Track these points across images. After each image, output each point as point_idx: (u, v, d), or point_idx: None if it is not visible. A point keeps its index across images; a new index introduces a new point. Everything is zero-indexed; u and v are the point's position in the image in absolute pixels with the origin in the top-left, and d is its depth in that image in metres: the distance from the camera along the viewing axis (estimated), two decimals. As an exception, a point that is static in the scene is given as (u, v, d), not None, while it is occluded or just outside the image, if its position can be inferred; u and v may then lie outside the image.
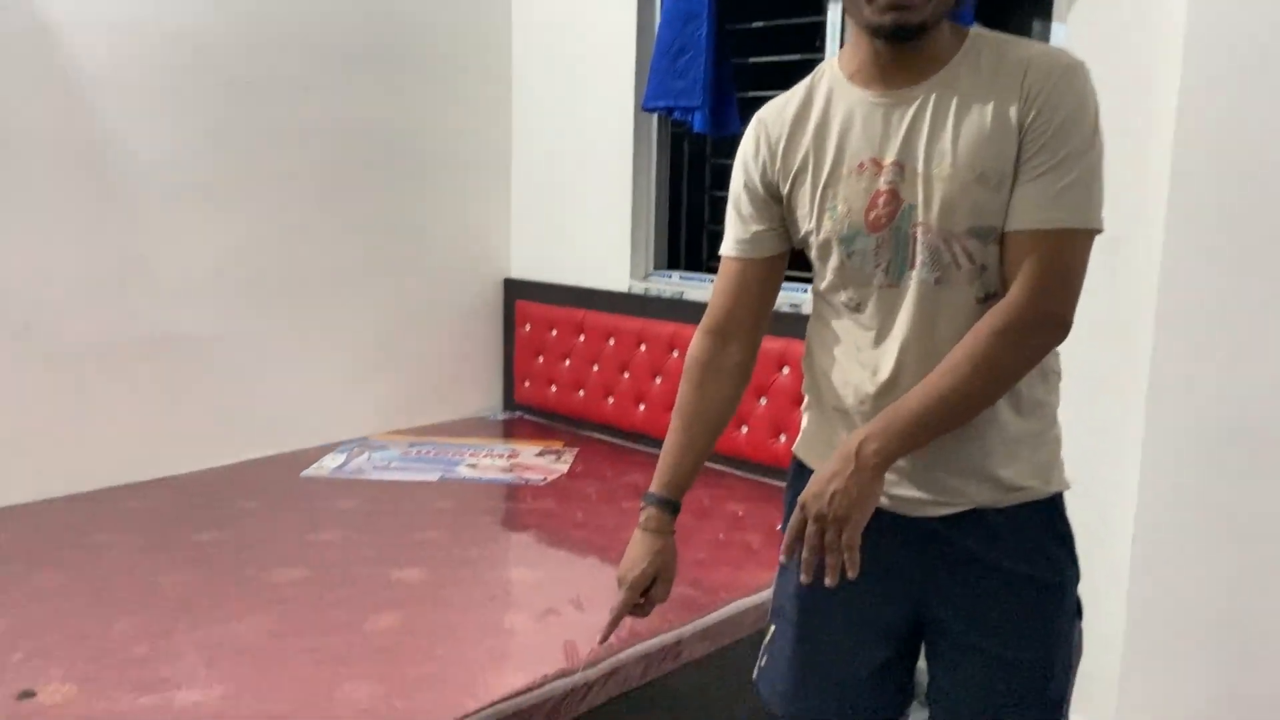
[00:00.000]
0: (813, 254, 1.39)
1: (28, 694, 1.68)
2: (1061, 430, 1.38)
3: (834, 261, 1.35)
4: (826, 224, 1.33)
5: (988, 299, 1.27)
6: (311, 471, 2.99)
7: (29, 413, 2.65)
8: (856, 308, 1.35)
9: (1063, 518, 1.37)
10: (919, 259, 1.27)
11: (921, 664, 1.48)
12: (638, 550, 1.52)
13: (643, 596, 1.53)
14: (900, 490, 1.35)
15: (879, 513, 1.37)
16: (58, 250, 2.65)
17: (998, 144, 1.23)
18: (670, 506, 1.52)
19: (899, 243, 1.28)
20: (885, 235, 1.29)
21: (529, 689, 1.76)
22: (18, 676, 1.73)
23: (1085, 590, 1.40)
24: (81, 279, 2.70)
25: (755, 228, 1.43)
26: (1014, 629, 1.34)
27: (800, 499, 1.27)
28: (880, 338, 1.33)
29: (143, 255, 2.81)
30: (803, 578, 1.28)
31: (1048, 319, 1.24)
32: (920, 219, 1.26)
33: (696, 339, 1.51)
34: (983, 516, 1.33)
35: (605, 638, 1.56)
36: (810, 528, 1.25)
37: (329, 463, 3.08)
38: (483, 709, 1.69)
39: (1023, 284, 1.23)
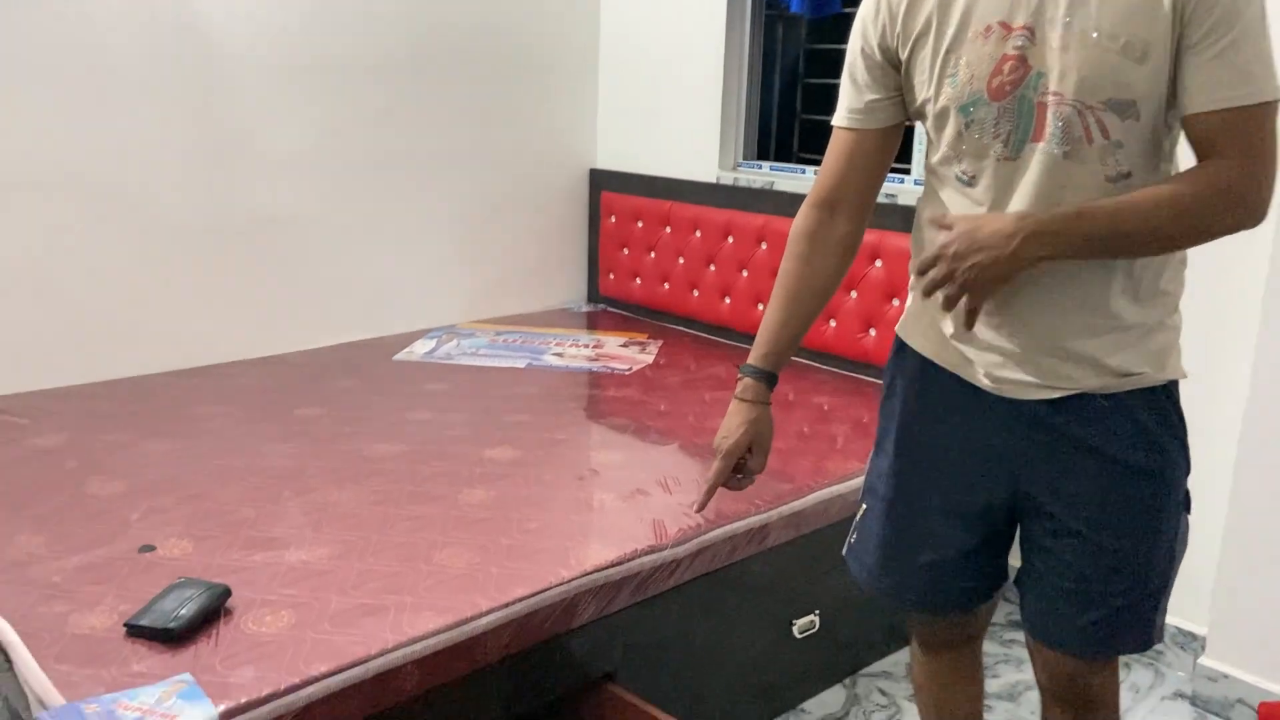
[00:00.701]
0: (928, 124, 1.34)
1: (148, 548, 1.78)
2: (1182, 318, 1.33)
3: (950, 132, 1.30)
4: (946, 90, 1.28)
5: (1120, 179, 1.22)
6: (403, 355, 3.06)
7: (137, 291, 2.75)
8: (970, 181, 1.30)
9: (1175, 407, 1.33)
10: (1047, 130, 1.22)
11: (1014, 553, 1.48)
12: (734, 420, 1.52)
13: (738, 469, 1.53)
14: (1004, 372, 1.33)
15: (979, 394, 1.36)
16: (160, 130, 2.71)
17: (1148, 14, 1.15)
18: (767, 378, 1.51)
19: (1022, 112, 1.23)
20: (1008, 104, 1.24)
21: (619, 562, 1.81)
22: (138, 533, 1.83)
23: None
24: (184, 158, 2.76)
25: (870, 96, 1.39)
26: (1114, 517, 1.32)
27: (944, 247, 1.22)
28: (997, 211, 1.28)
29: (242, 135, 2.86)
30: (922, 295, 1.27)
31: (1245, 200, 1.18)
32: (1051, 87, 1.21)
33: (803, 211, 1.48)
34: (1089, 401, 1.30)
35: (701, 506, 1.58)
36: (938, 273, 1.23)
37: (419, 348, 3.15)
38: (575, 578, 1.74)
39: (1223, 163, 1.17)
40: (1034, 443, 1.34)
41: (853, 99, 1.41)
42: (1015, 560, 1.48)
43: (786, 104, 3.46)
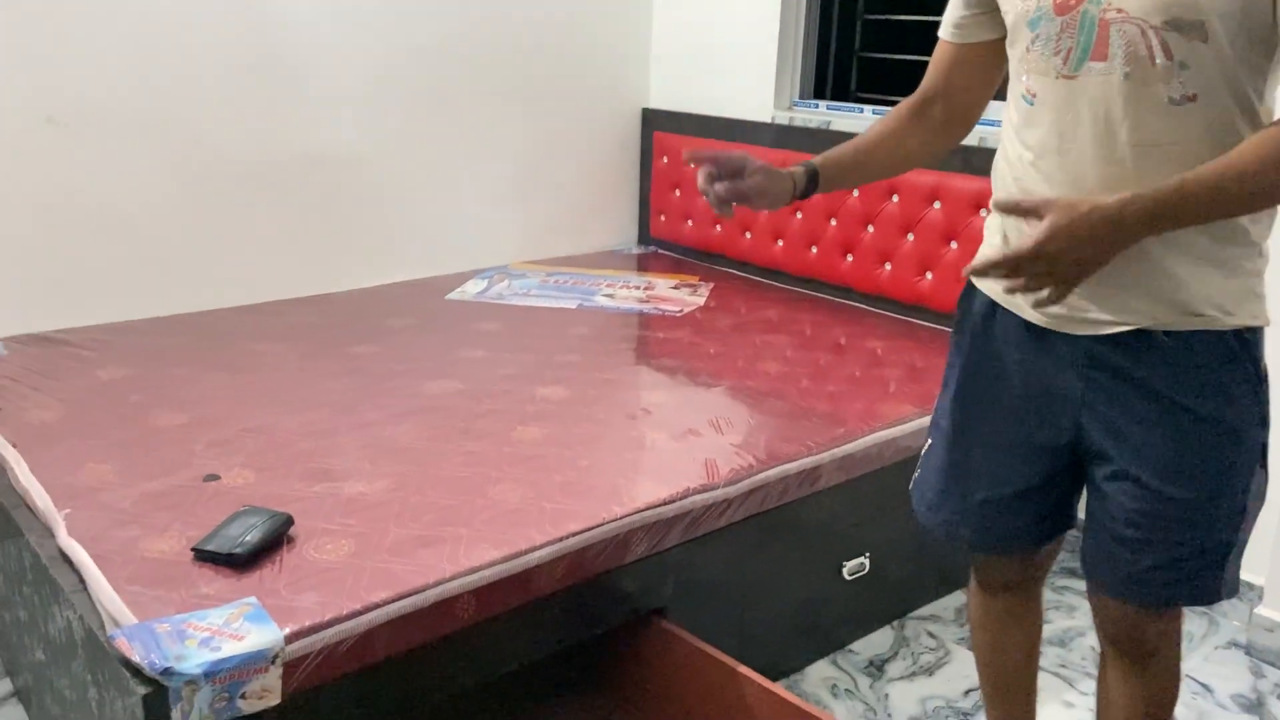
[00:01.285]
0: (1008, 43, 1.32)
1: (212, 477, 1.82)
2: (1266, 264, 1.27)
3: (1019, 49, 1.28)
4: (1018, 5, 1.26)
5: (1184, 102, 1.17)
6: (455, 295, 3.08)
7: (196, 228, 2.79)
8: (1031, 101, 1.27)
9: (1250, 354, 1.27)
10: (1110, 49, 1.18)
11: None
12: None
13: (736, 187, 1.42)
14: (1059, 309, 1.29)
15: (1043, 333, 1.33)
16: (218, 68, 2.72)
17: None
18: (809, 168, 1.49)
19: (1084, 28, 1.19)
20: (1071, 19, 1.20)
21: (670, 500, 1.82)
22: (203, 462, 1.88)
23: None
24: (242, 96, 2.78)
25: (964, 12, 1.40)
26: (1175, 464, 1.28)
27: (1040, 245, 1.14)
28: (1057, 137, 1.25)
29: (299, 75, 2.87)
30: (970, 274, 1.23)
31: None
32: (1114, 3, 1.16)
33: (897, 107, 1.50)
34: (1153, 340, 1.26)
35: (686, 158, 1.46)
36: (1030, 268, 1.16)
37: (471, 288, 3.16)
38: (628, 515, 1.75)
39: None
40: (1094, 384, 1.32)
41: (953, 11, 1.42)
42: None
43: (845, 40, 3.38)
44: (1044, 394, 1.36)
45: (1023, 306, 1.35)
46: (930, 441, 1.55)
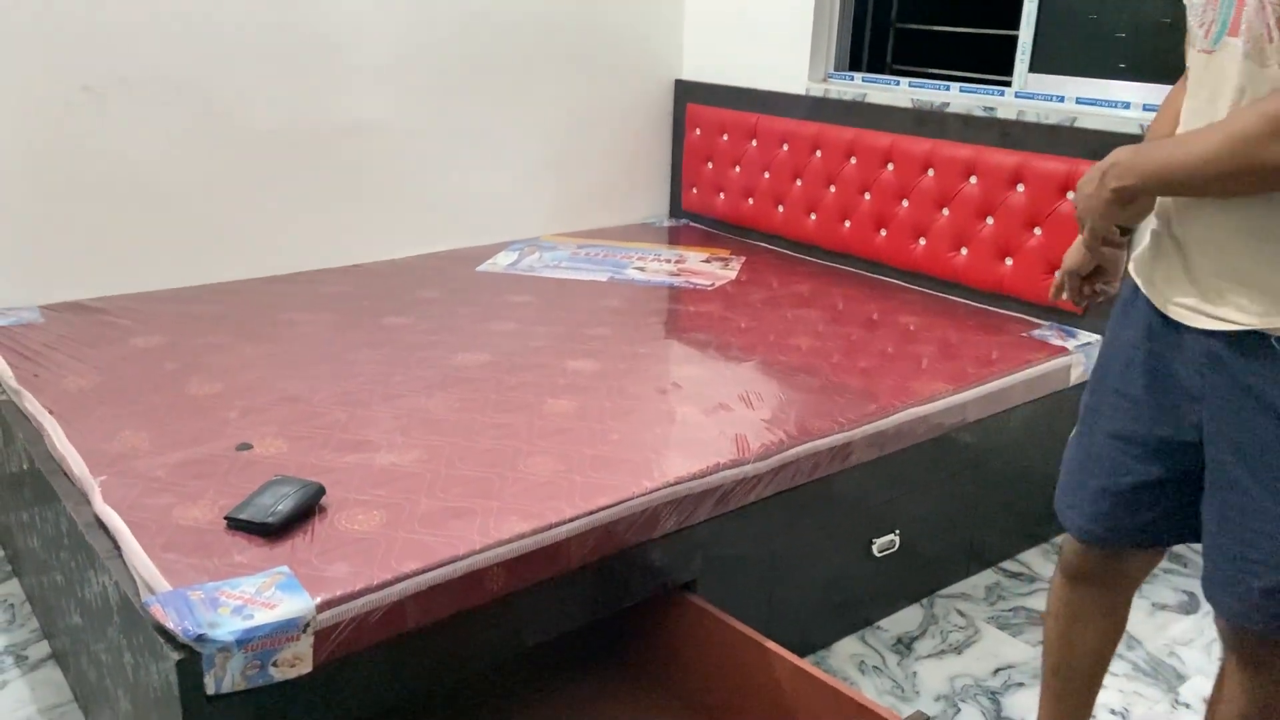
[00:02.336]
0: None
1: (245, 446, 1.83)
2: None
3: (1186, 22, 1.27)
4: None
5: None
6: (486, 267, 3.08)
7: (230, 198, 2.80)
8: (1189, 71, 1.27)
9: None
10: (1241, 24, 1.15)
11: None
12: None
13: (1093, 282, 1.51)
14: (1181, 296, 1.28)
15: (1171, 325, 1.30)
16: (252, 39, 2.72)
17: None
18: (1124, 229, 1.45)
19: (1226, 2, 1.17)
20: None
21: (700, 475, 1.81)
22: (236, 431, 1.89)
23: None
24: (276, 66, 2.78)
25: None
26: None
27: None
28: (1194, 114, 1.24)
29: (333, 45, 2.86)
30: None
31: None
32: None
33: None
34: (1264, 344, 1.21)
35: (1053, 295, 1.55)
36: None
37: (502, 260, 3.16)
38: (658, 489, 1.75)
39: None
40: (1213, 385, 1.27)
41: None
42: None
43: (881, 12, 3.33)
44: (1170, 387, 1.32)
45: (1154, 293, 1.34)
46: (1077, 428, 1.53)
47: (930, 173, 2.84)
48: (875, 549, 2.19)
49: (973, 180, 2.73)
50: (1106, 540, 1.49)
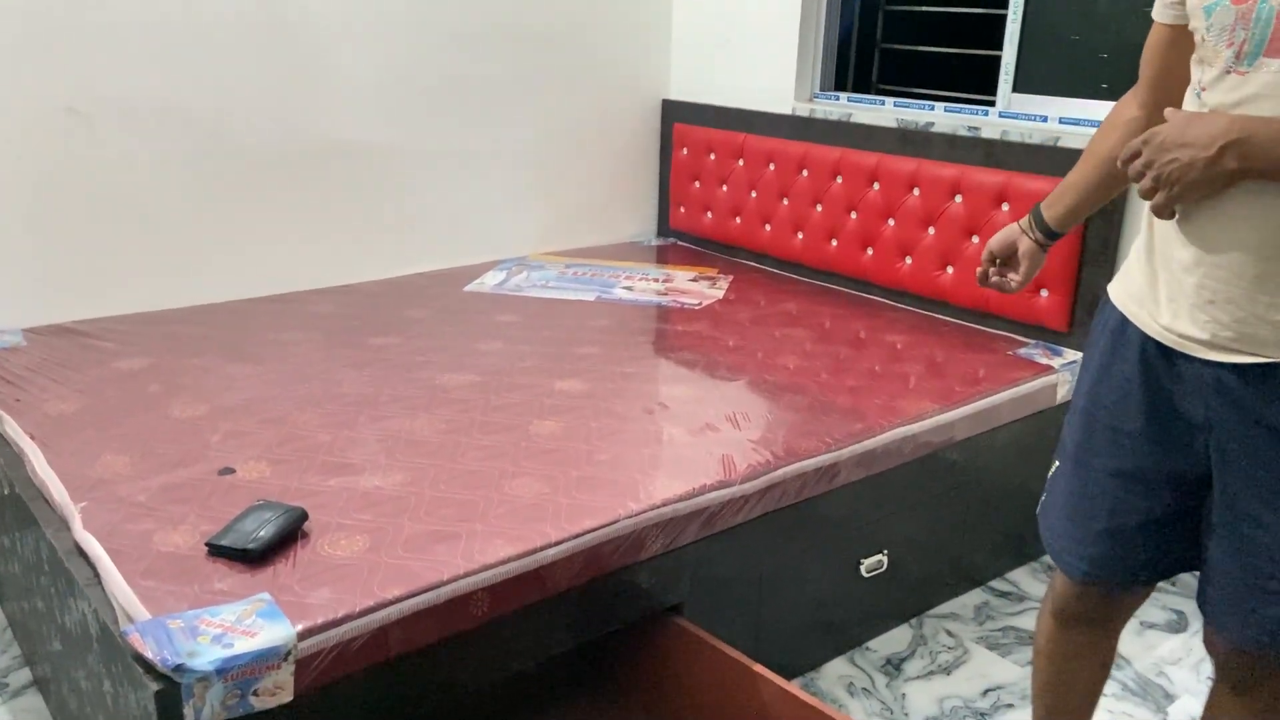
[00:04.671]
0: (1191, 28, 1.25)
1: (227, 470, 1.82)
2: None
3: (1197, 37, 1.21)
4: None
5: None
6: (474, 287, 3.07)
7: (215, 219, 2.79)
8: (1201, 93, 1.21)
9: None
10: None
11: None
12: (1009, 231, 1.63)
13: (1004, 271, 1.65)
14: (1188, 328, 1.24)
15: (1170, 356, 1.27)
16: (237, 59, 2.72)
17: None
18: (1049, 233, 1.59)
19: (1260, 20, 1.12)
20: (1247, 9, 1.12)
21: (687, 496, 1.80)
22: (219, 455, 1.88)
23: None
24: (260, 87, 2.78)
25: None
26: None
27: (1151, 134, 1.19)
28: None
29: (318, 66, 2.86)
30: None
31: None
32: None
33: (1122, 100, 1.50)
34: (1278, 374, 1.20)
35: (980, 279, 1.69)
36: (1139, 161, 1.20)
37: (490, 279, 3.15)
38: (644, 511, 1.74)
39: None
40: (1220, 416, 1.25)
41: None
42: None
43: (866, 32, 3.34)
44: (1172, 419, 1.30)
45: (1150, 324, 1.30)
46: (1057, 464, 1.49)
47: (916, 192, 2.85)
48: (863, 569, 2.18)
49: (958, 199, 2.74)
50: (1108, 580, 1.45)
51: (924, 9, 3.21)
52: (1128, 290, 1.36)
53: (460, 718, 1.81)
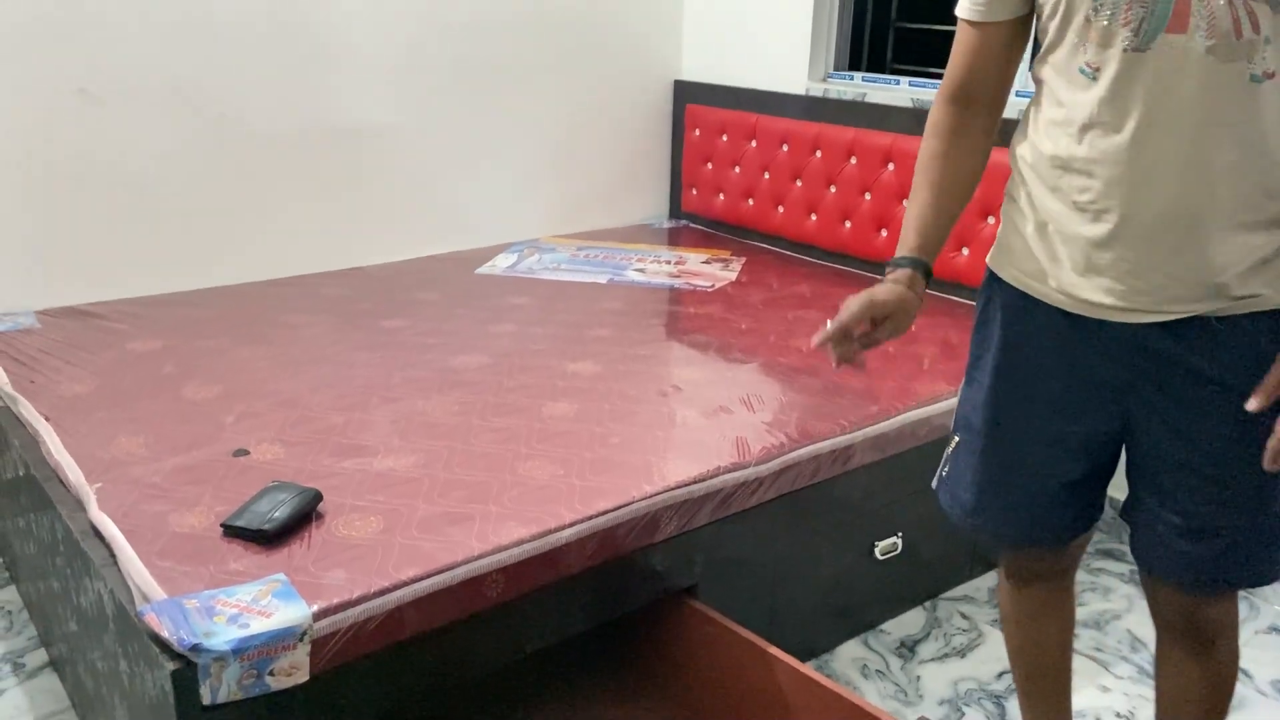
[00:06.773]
0: (1045, 14, 1.23)
1: (241, 451, 1.82)
2: None
3: (1078, 20, 1.18)
4: None
5: (1264, 79, 1.11)
6: (485, 269, 3.06)
7: (228, 202, 2.78)
8: (1093, 75, 1.18)
9: None
10: (1191, 21, 1.10)
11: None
12: (880, 288, 1.38)
13: (864, 339, 1.40)
14: (1106, 297, 1.24)
15: (1082, 320, 1.28)
16: (249, 41, 2.71)
17: None
18: (922, 267, 1.40)
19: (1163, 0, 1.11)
20: None
21: (701, 478, 1.80)
22: (232, 437, 1.88)
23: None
24: (272, 70, 2.76)
25: None
26: (1230, 447, 1.25)
27: None
28: (1118, 116, 1.17)
29: (330, 48, 2.84)
30: None
31: None
32: None
33: (936, 105, 1.40)
34: (1204, 325, 1.22)
35: (819, 341, 1.39)
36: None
37: (501, 262, 3.14)
38: (658, 493, 1.73)
39: None
40: (1142, 372, 1.27)
41: None
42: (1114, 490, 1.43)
43: (881, 10, 3.31)
44: (1088, 384, 1.32)
45: (1057, 296, 1.30)
46: (957, 439, 1.49)
47: (931, 172, 2.82)
48: (877, 551, 2.17)
49: (974, 180, 2.72)
50: (1045, 541, 1.49)
51: (939, -13, 3.18)
52: (1020, 267, 1.34)
53: (475, 698, 1.81)
